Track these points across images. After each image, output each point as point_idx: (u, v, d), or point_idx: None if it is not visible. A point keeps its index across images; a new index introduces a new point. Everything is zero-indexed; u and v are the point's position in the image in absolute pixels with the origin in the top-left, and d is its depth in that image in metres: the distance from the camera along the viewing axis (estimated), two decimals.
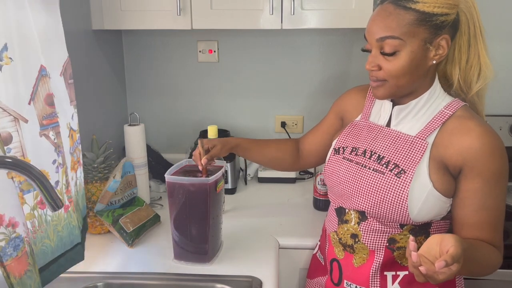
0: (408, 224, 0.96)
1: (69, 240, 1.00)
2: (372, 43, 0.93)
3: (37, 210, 0.90)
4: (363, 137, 1.04)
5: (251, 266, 1.11)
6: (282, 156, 1.27)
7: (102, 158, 1.27)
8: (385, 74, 0.92)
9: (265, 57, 1.76)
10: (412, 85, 0.94)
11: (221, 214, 1.17)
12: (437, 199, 0.92)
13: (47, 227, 0.93)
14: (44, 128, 0.92)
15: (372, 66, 0.93)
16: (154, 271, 1.10)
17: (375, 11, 0.93)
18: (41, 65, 0.91)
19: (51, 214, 0.94)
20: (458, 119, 0.94)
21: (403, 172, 0.93)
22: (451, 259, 0.73)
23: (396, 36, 0.88)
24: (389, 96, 0.97)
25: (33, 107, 0.88)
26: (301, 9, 1.38)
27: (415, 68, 0.91)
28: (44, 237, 0.92)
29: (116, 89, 1.74)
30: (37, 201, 0.90)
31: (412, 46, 0.89)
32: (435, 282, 0.77)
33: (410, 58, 0.89)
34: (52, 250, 0.95)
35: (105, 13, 1.42)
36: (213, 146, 1.15)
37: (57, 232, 0.96)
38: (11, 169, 0.73)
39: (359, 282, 1.02)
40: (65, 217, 0.98)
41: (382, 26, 0.90)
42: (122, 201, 1.28)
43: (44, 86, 0.92)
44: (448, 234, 0.78)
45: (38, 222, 0.91)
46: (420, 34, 0.88)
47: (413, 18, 0.87)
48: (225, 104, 1.83)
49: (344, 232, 1.04)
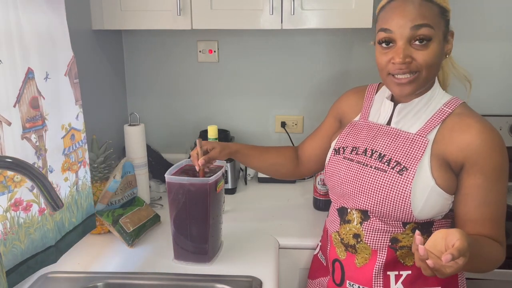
0: (411, 222, 0.96)
1: (41, 243, 1.00)
2: (403, 34, 0.90)
3: (10, 212, 0.90)
4: (363, 136, 1.04)
5: (251, 266, 1.11)
6: (281, 162, 1.26)
7: (102, 158, 1.27)
8: (417, 65, 0.91)
9: (265, 57, 1.76)
10: (433, 79, 0.97)
11: (221, 214, 1.17)
12: (439, 195, 0.93)
13: (19, 229, 0.93)
14: (26, 131, 0.91)
15: (405, 57, 0.90)
16: (154, 271, 1.10)
17: (396, 3, 0.92)
18: (28, 67, 0.91)
19: (24, 217, 0.94)
20: (458, 116, 0.94)
21: (405, 170, 0.94)
22: (457, 252, 0.73)
23: (431, 24, 0.90)
24: (417, 91, 0.95)
25: (17, 109, 0.88)
26: (301, 9, 1.38)
27: (439, 60, 0.94)
28: (14, 239, 0.92)
29: (116, 89, 1.74)
30: (11, 203, 0.90)
31: (439, 37, 0.92)
32: (442, 276, 0.77)
33: (438, 48, 0.92)
34: (22, 252, 0.95)
35: (105, 13, 1.42)
36: (212, 148, 1.15)
37: (29, 235, 0.96)
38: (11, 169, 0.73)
39: (361, 282, 1.02)
40: (38, 220, 0.98)
41: (417, 14, 0.90)
42: (122, 201, 1.28)
43: (30, 89, 0.92)
44: (453, 229, 0.78)
45: (10, 224, 0.91)
46: (441, 27, 0.92)
47: (438, 11, 0.91)
48: (225, 104, 1.83)
49: (346, 232, 1.04)
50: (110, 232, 1.25)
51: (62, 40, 1.03)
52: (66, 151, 1.06)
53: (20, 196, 0.93)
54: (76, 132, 1.10)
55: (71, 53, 1.05)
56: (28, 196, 0.96)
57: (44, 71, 0.97)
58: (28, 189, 0.96)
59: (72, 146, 1.08)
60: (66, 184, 1.08)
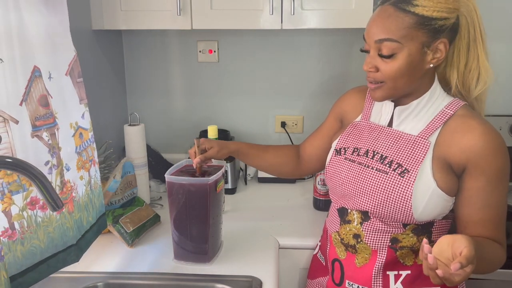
0: (411, 223, 0.96)
1: (61, 242, 0.99)
2: (371, 44, 0.93)
3: (26, 211, 0.90)
4: (364, 137, 1.04)
5: (251, 266, 1.11)
6: (282, 161, 1.26)
7: (102, 158, 1.27)
8: (382, 75, 0.93)
9: (265, 57, 1.76)
10: (410, 87, 0.94)
11: (221, 214, 1.17)
12: (440, 198, 0.92)
13: (37, 228, 0.93)
14: (36, 129, 0.91)
15: (369, 67, 0.94)
16: (154, 271, 1.10)
17: (375, 12, 0.93)
18: (35, 66, 0.90)
19: (42, 216, 0.94)
20: (460, 118, 0.94)
21: (406, 172, 0.93)
22: (466, 260, 0.73)
23: (395, 39, 0.88)
24: (387, 98, 0.97)
25: (25, 108, 0.88)
26: (301, 9, 1.38)
27: (412, 70, 0.91)
28: (33, 238, 0.92)
29: (116, 89, 1.74)
30: (27, 202, 0.90)
31: (410, 49, 0.89)
32: (451, 284, 0.77)
33: (407, 61, 0.89)
34: (41, 251, 0.94)
35: (105, 13, 1.42)
36: (211, 147, 1.15)
37: (48, 233, 0.96)
38: (12, 169, 0.73)
39: (361, 282, 1.02)
40: (57, 219, 0.98)
41: (381, 28, 0.90)
42: (122, 201, 1.28)
43: (38, 87, 0.91)
44: (459, 235, 0.78)
45: (27, 223, 0.90)
46: (418, 37, 0.88)
47: (412, 22, 0.87)
48: (225, 104, 1.83)
49: (347, 232, 1.04)
50: (110, 232, 1.25)
51: (63, 39, 1.03)
52: (77, 149, 1.06)
53: (36, 194, 0.93)
54: (84, 131, 1.10)
55: (73, 52, 1.05)
56: None
57: (47, 70, 0.97)
58: None
59: (82, 144, 1.08)
60: (82, 183, 1.08)
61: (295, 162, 1.27)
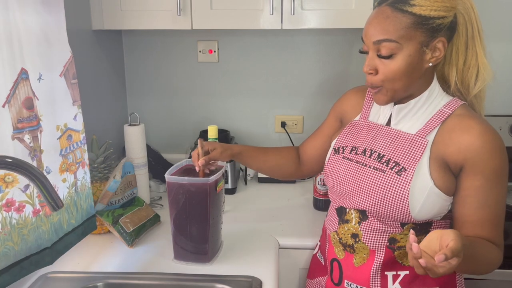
0: (409, 223, 0.96)
1: (35, 244, 0.99)
2: (369, 46, 0.93)
3: (1, 213, 0.90)
4: (362, 136, 1.04)
5: (251, 266, 1.11)
6: (283, 163, 1.26)
7: (102, 158, 1.27)
8: (381, 77, 0.93)
9: (265, 57, 1.76)
10: (409, 87, 0.94)
11: (221, 214, 1.17)
12: (438, 197, 0.93)
13: (12, 230, 0.92)
14: (18, 132, 0.91)
15: (369, 68, 0.94)
16: (154, 271, 1.10)
17: (372, 14, 0.93)
18: (22, 68, 0.90)
19: (17, 218, 0.93)
20: (458, 117, 0.94)
21: (403, 170, 0.93)
22: (450, 253, 0.73)
23: (393, 39, 0.88)
24: (389, 101, 0.97)
25: (7, 109, 0.88)
26: (301, 9, 1.38)
27: (412, 70, 0.91)
28: (7, 240, 0.91)
29: (116, 89, 1.74)
30: (2, 203, 0.89)
31: (408, 49, 0.89)
32: (434, 275, 0.77)
33: (406, 61, 0.90)
34: (15, 253, 0.94)
35: (105, 13, 1.42)
36: (214, 149, 1.15)
37: (22, 236, 0.95)
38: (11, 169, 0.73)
39: (359, 282, 1.02)
40: (32, 221, 0.97)
41: (379, 29, 0.90)
42: (122, 201, 1.28)
43: (24, 89, 0.91)
44: (448, 230, 0.78)
45: (2, 225, 0.90)
46: (416, 37, 0.88)
47: (410, 22, 0.87)
48: (225, 104, 1.83)
49: (345, 232, 1.04)
50: (110, 232, 1.25)
51: (58, 40, 1.02)
52: (63, 152, 1.05)
53: (12, 196, 0.92)
54: (74, 132, 1.09)
55: (69, 54, 1.05)
56: (21, 197, 0.95)
57: (38, 71, 0.96)
58: (20, 190, 0.94)
59: (69, 147, 1.08)
60: (65, 185, 1.08)
61: (296, 164, 1.27)
